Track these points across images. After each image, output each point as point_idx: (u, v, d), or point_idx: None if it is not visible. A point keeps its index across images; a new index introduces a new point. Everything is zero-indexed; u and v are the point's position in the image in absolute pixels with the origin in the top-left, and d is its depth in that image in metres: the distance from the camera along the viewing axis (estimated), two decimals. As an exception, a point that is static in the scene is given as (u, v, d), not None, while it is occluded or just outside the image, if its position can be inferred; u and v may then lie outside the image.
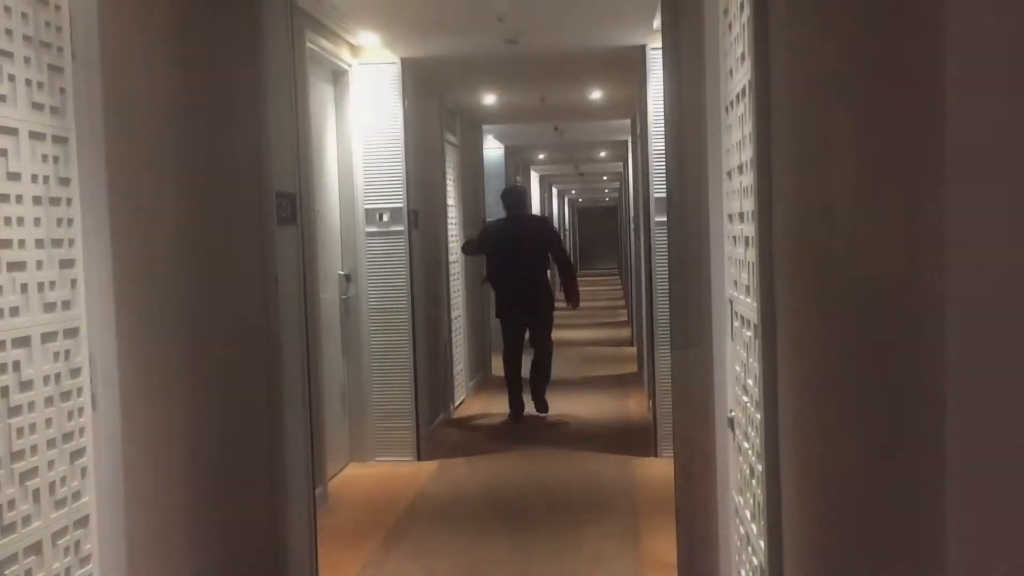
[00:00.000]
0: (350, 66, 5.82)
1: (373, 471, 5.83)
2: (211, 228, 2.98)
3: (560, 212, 22.39)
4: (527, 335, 7.06)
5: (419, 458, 6.03)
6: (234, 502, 3.09)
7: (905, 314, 1.04)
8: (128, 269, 2.39)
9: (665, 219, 3.76)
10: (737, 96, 2.22)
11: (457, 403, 7.67)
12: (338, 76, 5.83)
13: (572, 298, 7.18)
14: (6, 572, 1.94)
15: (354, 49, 5.85)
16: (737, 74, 2.21)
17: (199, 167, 2.91)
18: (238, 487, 3.13)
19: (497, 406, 7.92)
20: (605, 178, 18.79)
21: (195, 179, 2.87)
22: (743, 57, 2.09)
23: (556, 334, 7.54)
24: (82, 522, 2.20)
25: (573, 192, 24.37)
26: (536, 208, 14.39)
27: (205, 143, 2.96)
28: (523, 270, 6.82)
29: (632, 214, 9.37)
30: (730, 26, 2.30)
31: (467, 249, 7.41)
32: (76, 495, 2.18)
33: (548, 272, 7.11)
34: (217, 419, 2.96)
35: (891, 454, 1.11)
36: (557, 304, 7.54)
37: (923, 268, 0.98)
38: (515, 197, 7.15)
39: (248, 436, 3.23)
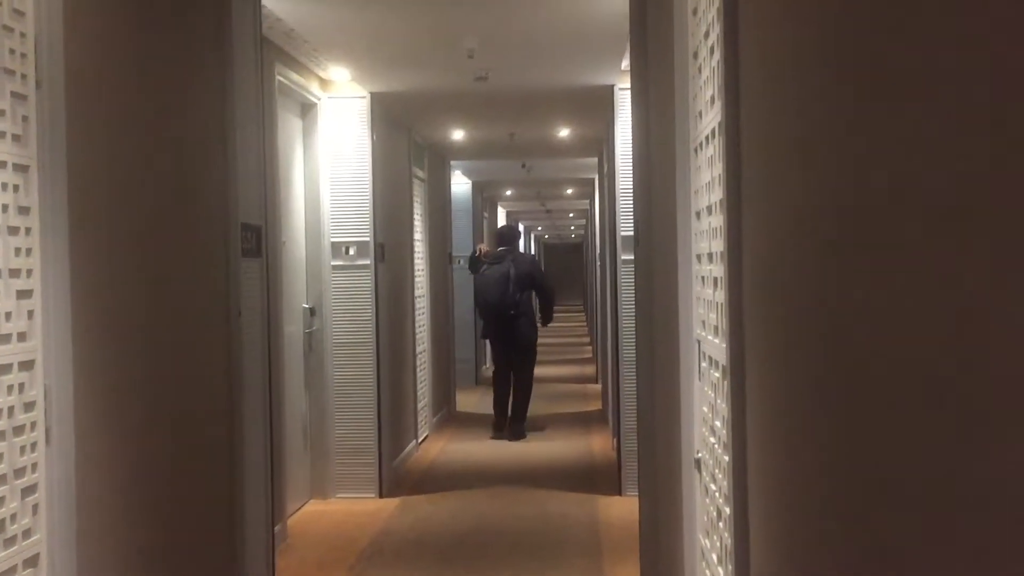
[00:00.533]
0: (319, 99, 5.81)
1: (334, 508, 5.75)
2: (174, 259, 2.93)
3: (526, 248, 22.50)
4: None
5: (381, 495, 5.95)
6: (190, 539, 3.01)
7: (875, 359, 1.04)
8: (87, 300, 2.34)
9: (631, 257, 3.77)
10: (706, 138, 2.23)
11: (421, 439, 7.60)
12: (307, 109, 5.82)
13: (545, 318, 8.11)
14: (-50, 614, 1.87)
15: (324, 83, 5.84)
16: (707, 116, 2.22)
17: (164, 197, 2.87)
18: (195, 524, 3.06)
19: (461, 442, 7.86)
20: (571, 215, 18.87)
21: (159, 209, 2.84)
22: (712, 100, 2.10)
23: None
24: (32, 561, 2.13)
25: (539, 228, 24.46)
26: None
27: (171, 173, 2.93)
28: (507, 299, 7.49)
29: (598, 251, 9.40)
30: (700, 69, 2.31)
31: (472, 267, 8.04)
32: (27, 533, 2.11)
33: (532, 303, 7.90)
34: (174, 455, 2.89)
35: (862, 499, 1.10)
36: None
37: (891, 313, 0.98)
38: (509, 238, 7.99)
39: (206, 472, 3.17)
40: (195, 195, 3.13)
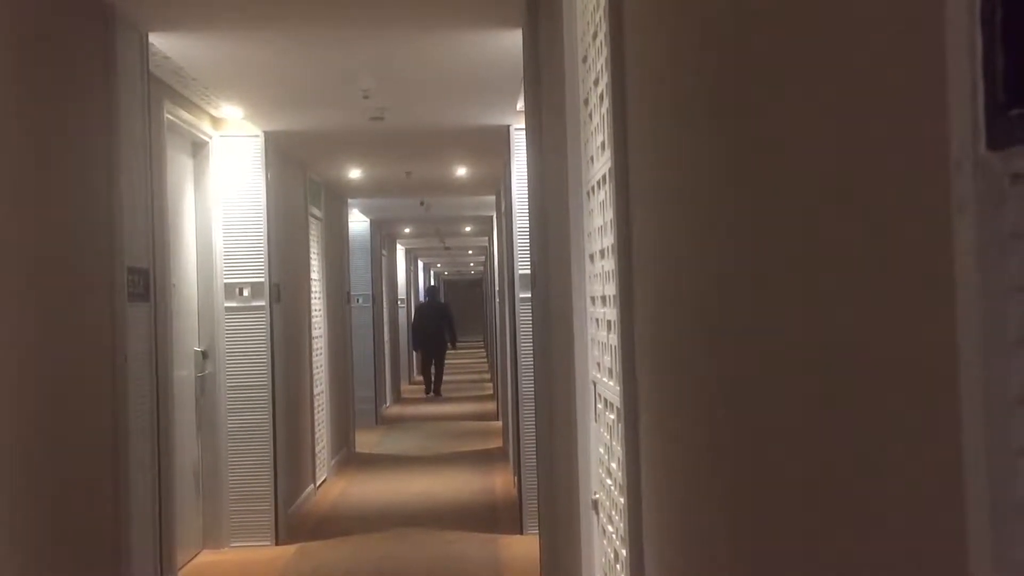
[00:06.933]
0: (211, 138, 5.70)
1: (228, 557, 5.57)
2: (56, 304, 2.82)
3: (426, 284, 22.45)
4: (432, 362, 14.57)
5: (277, 542, 5.80)
6: (72, 600, 2.87)
7: (767, 401, 1.06)
8: (-42, 352, 2.22)
9: (529, 295, 3.79)
10: (598, 182, 2.27)
11: (319, 482, 7.45)
12: (198, 148, 5.70)
13: (452, 340, 14.99)
14: None
15: (215, 121, 5.74)
16: (598, 162, 2.26)
17: (45, 241, 2.76)
18: (77, 583, 2.92)
19: (361, 484, 7.73)
20: (471, 252, 18.91)
21: (40, 252, 2.72)
22: (603, 146, 2.14)
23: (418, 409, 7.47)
24: None
25: (439, 265, 24.42)
26: (401, 278, 16.27)
27: (53, 215, 2.82)
28: (433, 329, 14.15)
29: (497, 288, 9.43)
30: (590, 115, 2.35)
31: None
32: None
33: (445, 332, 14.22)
34: (55, 506, 2.76)
35: (755, 544, 1.11)
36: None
37: (780, 353, 1.00)
38: (433, 292, 15.80)
39: (90, 523, 3.03)
40: (79, 238, 3.02)
